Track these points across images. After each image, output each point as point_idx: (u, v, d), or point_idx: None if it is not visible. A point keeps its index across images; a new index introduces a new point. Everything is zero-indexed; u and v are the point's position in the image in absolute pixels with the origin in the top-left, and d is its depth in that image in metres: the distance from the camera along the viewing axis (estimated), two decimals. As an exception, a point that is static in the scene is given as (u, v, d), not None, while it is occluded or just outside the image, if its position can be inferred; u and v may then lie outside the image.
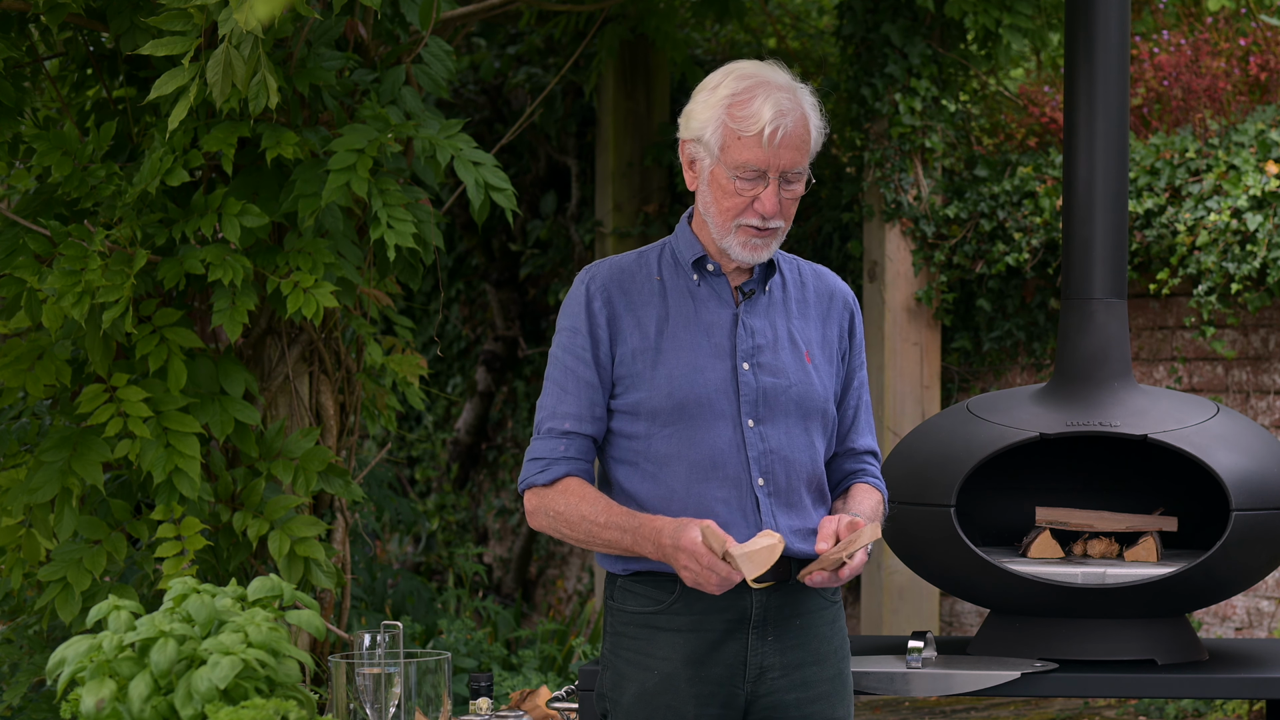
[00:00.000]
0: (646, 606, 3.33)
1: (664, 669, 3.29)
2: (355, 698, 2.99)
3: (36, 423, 4.93)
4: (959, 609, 7.82)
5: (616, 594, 3.37)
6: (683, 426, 3.30)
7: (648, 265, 3.38)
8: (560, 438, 3.32)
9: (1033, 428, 4.37)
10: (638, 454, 3.32)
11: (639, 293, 3.36)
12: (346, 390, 5.22)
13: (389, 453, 9.73)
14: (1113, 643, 4.33)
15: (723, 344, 3.33)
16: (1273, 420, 6.96)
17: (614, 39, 7.56)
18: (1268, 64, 7.37)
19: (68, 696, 2.78)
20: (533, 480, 3.33)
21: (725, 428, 3.31)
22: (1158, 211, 7.02)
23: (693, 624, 3.30)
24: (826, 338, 3.42)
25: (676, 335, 3.32)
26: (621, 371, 3.32)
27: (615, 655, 3.36)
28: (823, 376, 3.40)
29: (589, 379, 3.33)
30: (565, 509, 3.30)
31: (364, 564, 7.70)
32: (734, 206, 3.28)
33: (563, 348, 3.35)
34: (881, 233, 7.66)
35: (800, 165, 3.28)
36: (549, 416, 3.34)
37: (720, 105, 3.26)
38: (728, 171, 3.26)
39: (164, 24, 4.30)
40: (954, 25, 7.60)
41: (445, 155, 4.70)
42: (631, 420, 3.32)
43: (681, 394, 3.30)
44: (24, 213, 4.78)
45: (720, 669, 3.30)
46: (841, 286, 3.48)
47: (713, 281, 3.37)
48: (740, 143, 3.25)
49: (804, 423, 3.36)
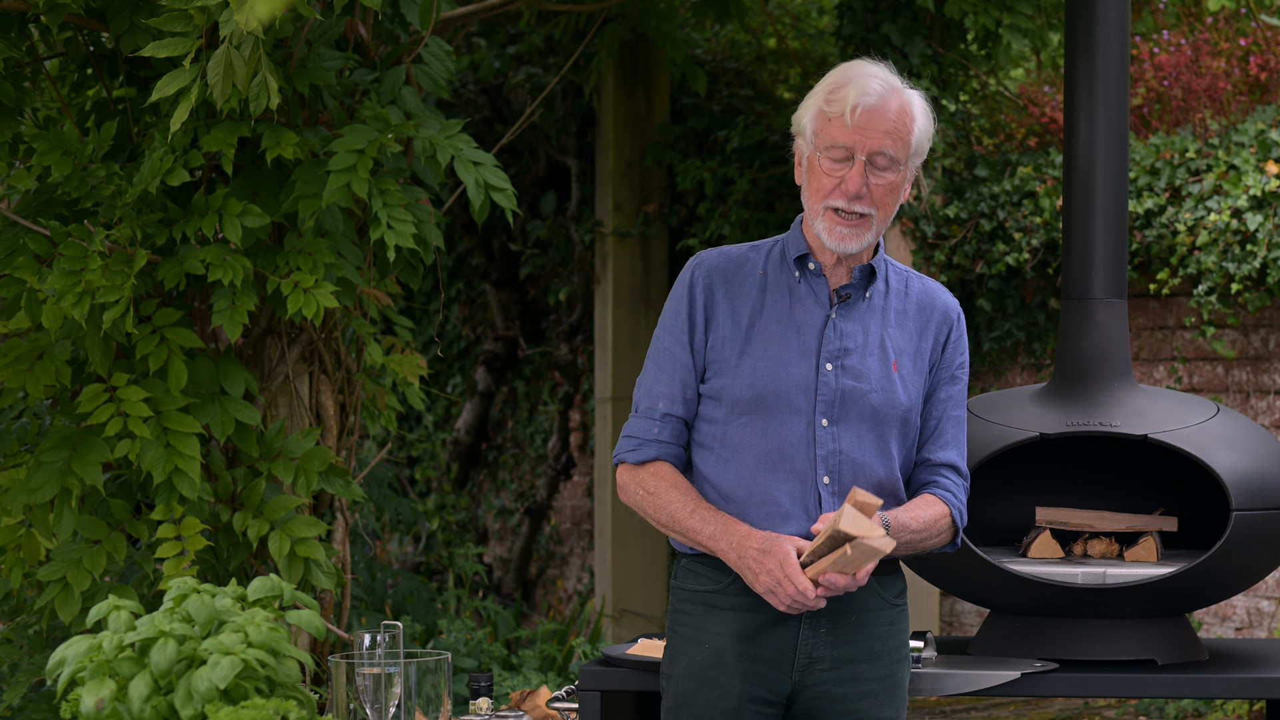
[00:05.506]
0: (705, 585, 3.43)
1: (715, 643, 3.39)
2: (355, 698, 2.99)
3: (36, 423, 4.93)
4: (959, 609, 7.82)
5: (679, 573, 3.49)
6: (758, 417, 3.39)
7: (756, 258, 3.48)
8: (656, 420, 3.46)
9: (1033, 428, 4.37)
10: (715, 439, 3.42)
11: (741, 283, 3.46)
12: (346, 390, 5.22)
13: (389, 453, 9.73)
14: (1113, 643, 4.33)
15: (810, 343, 3.41)
16: (1273, 420, 6.96)
17: (614, 39, 7.56)
18: (1268, 64, 7.37)
19: (68, 696, 2.78)
20: (625, 456, 3.47)
21: (798, 423, 3.38)
22: (1158, 211, 7.02)
23: (748, 604, 3.39)
24: (920, 349, 3.47)
25: (767, 329, 3.42)
26: (711, 357, 3.43)
27: (673, 632, 3.48)
28: (909, 386, 3.44)
29: (684, 360, 3.44)
30: (656, 491, 3.43)
31: (364, 564, 7.70)
32: (823, 188, 3.36)
33: (664, 329, 3.48)
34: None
35: (890, 149, 3.33)
36: (645, 395, 3.48)
37: (819, 95, 3.39)
38: (820, 154, 3.36)
39: (164, 25, 4.30)
40: (954, 25, 7.61)
41: (445, 155, 4.70)
42: (714, 405, 3.42)
43: (761, 385, 3.38)
44: (24, 213, 4.77)
45: (769, 651, 3.38)
46: (946, 300, 3.52)
47: (813, 280, 3.44)
48: (830, 124, 3.34)
49: (879, 429, 3.40)
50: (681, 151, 8.51)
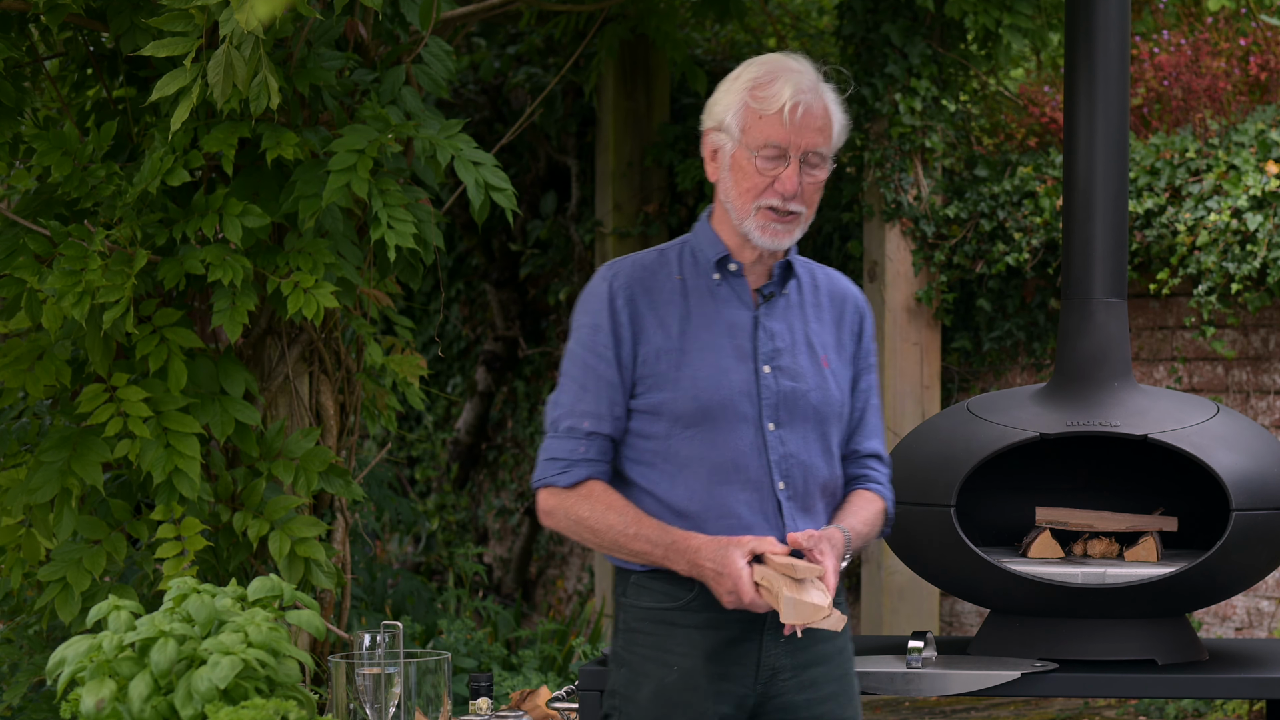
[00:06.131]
0: (663, 602, 3.29)
1: (684, 665, 3.27)
2: (355, 698, 2.99)
3: (36, 423, 4.93)
4: (959, 609, 7.82)
5: (630, 590, 3.33)
6: (705, 429, 3.27)
7: (668, 263, 3.35)
8: (581, 439, 3.27)
9: (1033, 428, 4.37)
10: (655, 455, 3.29)
11: (660, 291, 3.32)
12: (346, 390, 5.22)
13: (389, 453, 9.73)
14: (1113, 643, 4.33)
15: (745, 346, 3.31)
16: (1273, 420, 6.96)
17: (614, 39, 7.56)
18: (1268, 64, 7.37)
19: (68, 696, 2.78)
20: (552, 480, 3.27)
21: (747, 431, 3.29)
22: (1158, 211, 7.02)
23: (711, 621, 3.28)
24: (840, 341, 3.41)
25: (699, 336, 3.29)
26: (644, 371, 3.28)
27: (629, 652, 3.32)
28: (840, 381, 3.39)
29: (610, 377, 3.28)
30: (589, 515, 3.26)
31: (364, 564, 7.70)
32: (755, 187, 3.26)
33: (583, 345, 3.29)
34: (881, 233, 7.66)
35: (822, 147, 3.28)
36: (567, 414, 3.29)
37: (742, 89, 3.27)
38: (749, 152, 3.26)
39: (165, 25, 4.30)
40: (954, 25, 7.61)
41: (445, 155, 4.70)
42: (651, 420, 3.28)
43: (706, 396, 3.26)
44: (24, 213, 4.78)
45: (737, 667, 3.29)
46: (854, 290, 3.47)
47: (733, 282, 3.34)
48: (761, 121, 3.25)
49: (821, 428, 3.35)
50: (681, 151, 8.51)
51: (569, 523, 3.27)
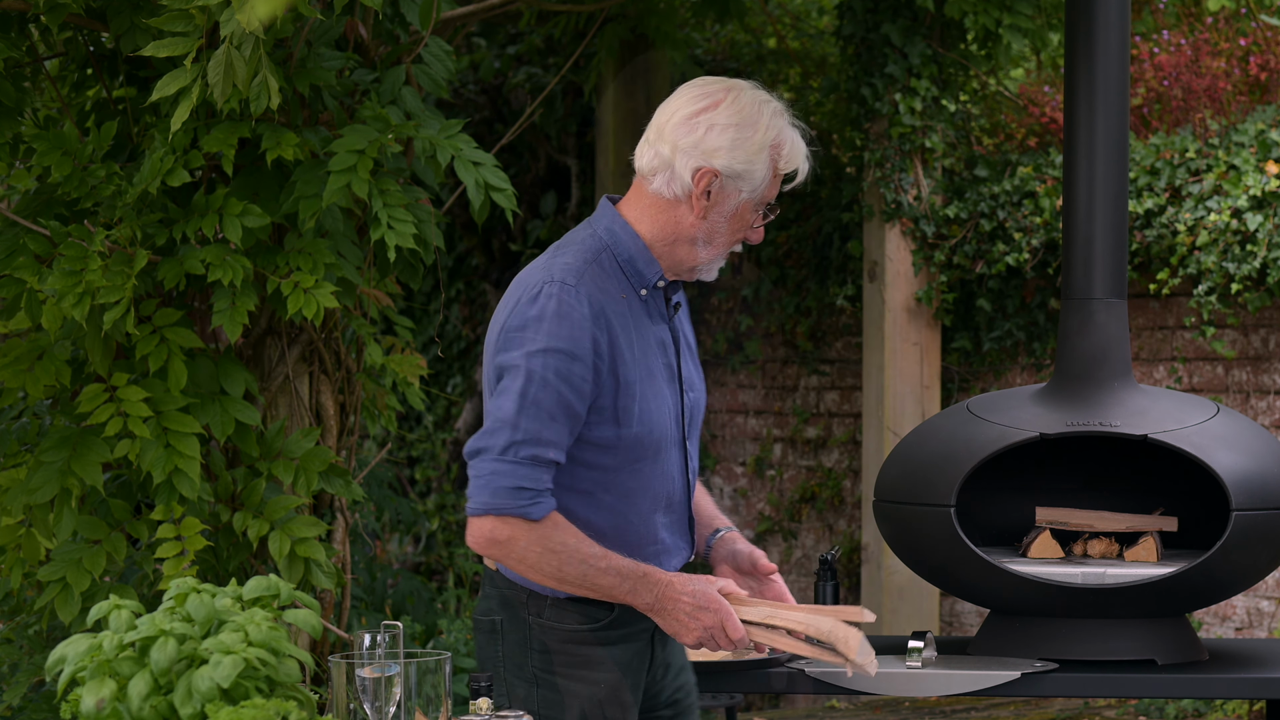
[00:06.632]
0: (585, 624, 3.23)
1: (610, 679, 3.24)
2: (355, 698, 2.99)
3: (36, 423, 4.93)
4: (959, 609, 7.82)
5: (546, 612, 3.23)
6: (649, 461, 3.18)
7: (609, 276, 3.19)
8: (544, 467, 3.09)
9: (1033, 428, 4.37)
10: (597, 485, 3.17)
11: (617, 313, 3.16)
12: (346, 390, 5.22)
13: (389, 453, 9.73)
14: (1113, 643, 4.33)
15: (671, 365, 3.23)
16: (1273, 420, 6.96)
17: (614, 39, 7.56)
18: (1268, 64, 7.37)
19: (68, 696, 2.78)
20: (526, 511, 3.08)
21: (676, 456, 3.24)
22: (1158, 211, 7.02)
23: (624, 635, 3.26)
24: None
25: (644, 363, 3.17)
26: (604, 403, 3.13)
27: (555, 675, 3.25)
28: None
29: (579, 412, 3.10)
30: (564, 547, 3.10)
31: (364, 564, 7.70)
32: (739, 231, 3.23)
33: (557, 373, 3.08)
34: (881, 233, 7.66)
35: None
36: (532, 442, 3.07)
37: (763, 149, 3.20)
38: (757, 206, 3.23)
39: (165, 25, 4.30)
40: (954, 25, 7.61)
41: (445, 155, 4.70)
42: (600, 453, 3.15)
43: (657, 430, 3.18)
44: (24, 213, 4.77)
45: (645, 673, 3.31)
46: None
47: (656, 297, 3.24)
48: (775, 181, 3.23)
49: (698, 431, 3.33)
50: (681, 151, 8.50)
51: (535, 553, 3.09)
